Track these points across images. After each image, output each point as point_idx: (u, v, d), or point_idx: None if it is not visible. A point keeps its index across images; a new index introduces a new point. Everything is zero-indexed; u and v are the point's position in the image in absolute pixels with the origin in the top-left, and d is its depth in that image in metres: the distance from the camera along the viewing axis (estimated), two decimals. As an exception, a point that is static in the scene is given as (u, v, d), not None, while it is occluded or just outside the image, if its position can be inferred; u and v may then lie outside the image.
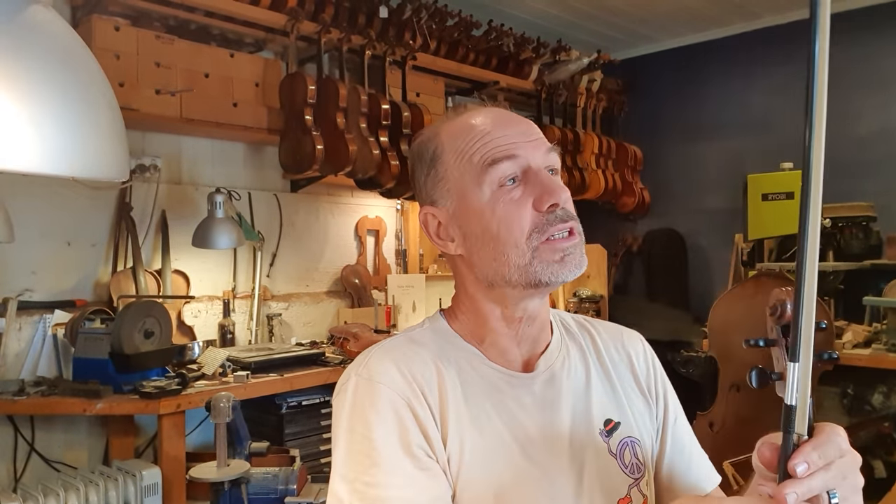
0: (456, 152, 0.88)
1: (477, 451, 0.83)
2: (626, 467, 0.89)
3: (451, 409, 0.84)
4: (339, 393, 0.86)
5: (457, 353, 0.90)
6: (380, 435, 0.79)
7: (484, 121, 0.88)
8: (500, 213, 0.84)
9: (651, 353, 1.02)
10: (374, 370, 0.84)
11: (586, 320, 1.04)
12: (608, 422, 0.91)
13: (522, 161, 0.85)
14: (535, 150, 0.86)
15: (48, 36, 1.04)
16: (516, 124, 0.88)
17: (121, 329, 2.29)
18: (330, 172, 3.06)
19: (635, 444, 0.91)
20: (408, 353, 0.87)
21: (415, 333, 0.93)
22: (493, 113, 0.90)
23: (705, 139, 4.46)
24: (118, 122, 1.15)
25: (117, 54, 2.58)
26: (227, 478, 1.98)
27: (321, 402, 2.75)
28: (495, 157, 0.85)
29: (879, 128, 3.82)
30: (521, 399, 0.88)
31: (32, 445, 2.51)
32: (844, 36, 3.95)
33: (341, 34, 3.12)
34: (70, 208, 2.66)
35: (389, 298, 3.58)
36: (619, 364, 0.98)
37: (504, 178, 0.85)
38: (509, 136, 0.86)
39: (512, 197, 0.84)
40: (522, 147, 0.86)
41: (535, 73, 4.13)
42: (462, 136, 0.88)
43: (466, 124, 0.89)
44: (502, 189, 0.85)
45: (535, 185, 0.85)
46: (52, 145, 0.99)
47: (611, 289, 4.42)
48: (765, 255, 3.72)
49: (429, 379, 0.85)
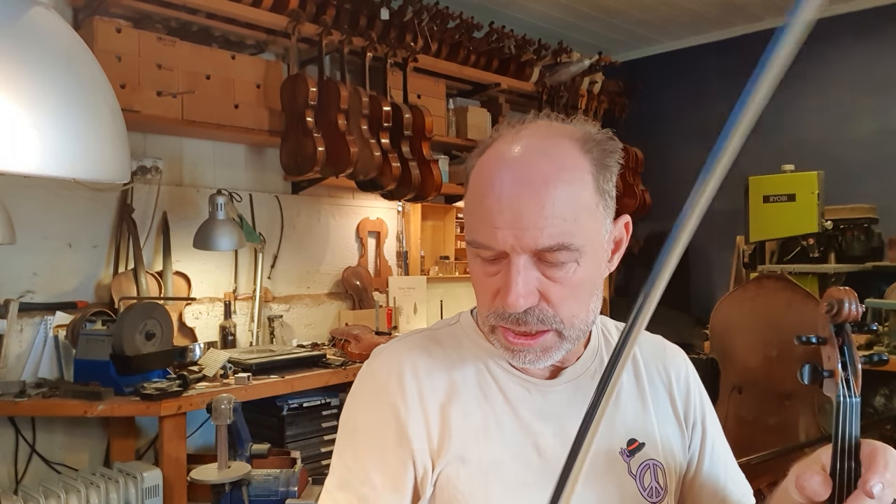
0: (470, 196, 0.83)
1: (483, 458, 0.82)
2: (644, 490, 0.87)
3: (454, 415, 0.84)
4: (357, 376, 0.91)
5: (476, 354, 0.89)
6: (361, 425, 0.86)
7: (492, 174, 0.79)
8: (476, 277, 0.83)
9: (692, 375, 0.98)
10: (379, 367, 0.88)
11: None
12: (632, 442, 0.88)
13: (494, 244, 0.78)
14: (519, 240, 0.76)
15: (50, 38, 1.04)
16: (515, 195, 0.76)
17: (122, 331, 2.29)
18: (331, 174, 3.06)
19: (657, 467, 0.88)
20: (419, 354, 0.88)
21: (438, 332, 0.93)
22: (511, 162, 0.79)
23: (706, 141, 4.37)
24: (119, 123, 1.15)
25: (119, 56, 2.59)
26: (228, 479, 1.98)
27: (322, 403, 2.75)
28: (474, 238, 0.80)
29: (881, 129, 3.82)
30: (539, 407, 0.86)
31: (33, 447, 2.51)
32: (845, 38, 3.95)
33: (342, 36, 3.13)
34: (71, 210, 2.66)
35: (390, 300, 3.58)
36: (658, 385, 0.95)
37: (481, 253, 0.81)
38: (500, 210, 0.77)
39: (486, 270, 0.81)
40: (503, 232, 0.76)
41: (536, 74, 4.13)
42: (475, 179, 0.82)
43: (486, 163, 0.82)
44: (482, 261, 0.81)
45: (503, 277, 0.79)
46: (53, 147, 0.99)
47: (612, 291, 4.42)
48: (766, 258, 3.72)
49: (435, 384, 0.85)
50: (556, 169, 0.77)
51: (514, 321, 0.79)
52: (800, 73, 4.09)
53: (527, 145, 0.80)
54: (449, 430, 0.83)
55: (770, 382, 3.04)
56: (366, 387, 0.88)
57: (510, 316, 0.79)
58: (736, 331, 3.19)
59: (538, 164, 0.78)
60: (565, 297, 0.79)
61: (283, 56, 3.25)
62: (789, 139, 4.09)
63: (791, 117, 4.11)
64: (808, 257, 3.50)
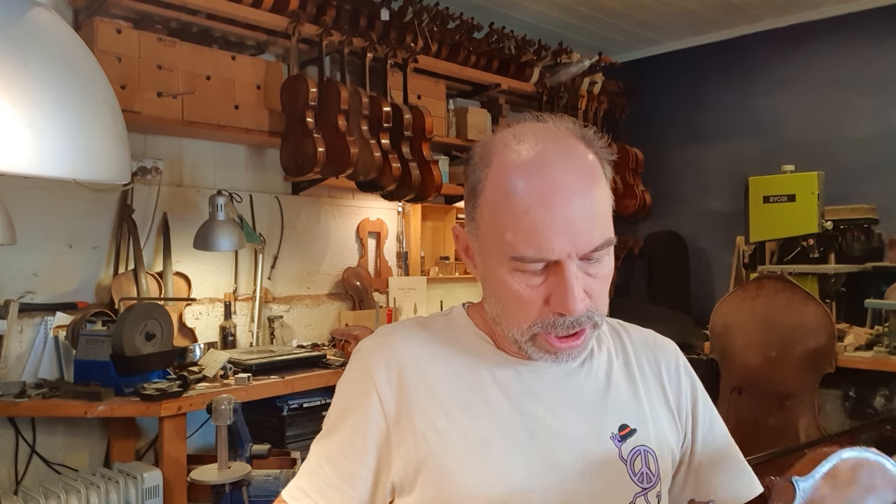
0: (492, 208, 0.81)
1: (472, 436, 0.84)
2: (634, 475, 0.87)
3: (442, 396, 0.86)
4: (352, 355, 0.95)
5: (466, 340, 0.91)
6: (343, 403, 0.90)
7: (529, 188, 0.78)
8: (514, 292, 0.81)
9: (683, 366, 0.99)
10: (367, 349, 0.92)
11: (619, 324, 1.01)
12: (623, 427, 0.89)
13: (550, 255, 0.77)
14: (574, 246, 0.77)
15: (50, 38, 1.04)
16: (563, 203, 0.76)
17: (122, 331, 2.29)
18: (331, 175, 3.06)
19: (649, 453, 0.89)
20: (408, 337, 0.91)
21: (430, 319, 0.96)
22: (544, 175, 0.78)
23: (706, 141, 4.46)
24: (120, 124, 1.15)
25: (119, 57, 2.59)
26: (228, 480, 1.98)
27: (322, 404, 2.74)
28: (523, 253, 0.78)
29: (881, 130, 3.82)
30: (528, 386, 0.88)
31: (34, 447, 2.51)
32: (845, 39, 3.95)
33: (343, 37, 3.13)
34: (71, 211, 2.66)
35: (391, 301, 3.58)
36: (649, 374, 0.95)
37: (526, 267, 0.80)
38: (548, 221, 0.76)
39: (529, 282, 0.80)
40: (557, 241, 0.76)
41: (537, 75, 4.13)
42: (502, 192, 0.80)
43: (511, 180, 0.79)
44: (523, 273, 0.80)
45: (556, 285, 0.79)
46: (53, 147, 0.99)
47: (612, 291, 4.41)
48: (766, 258, 3.72)
49: (423, 367, 0.88)
50: (587, 169, 0.80)
51: (569, 326, 0.80)
52: (800, 74, 4.10)
53: (543, 151, 0.80)
54: (435, 411, 0.85)
55: (770, 383, 3.04)
56: (353, 370, 0.91)
57: (564, 322, 0.80)
58: (736, 331, 3.19)
59: (569, 168, 0.79)
60: (602, 291, 0.82)
61: (284, 57, 3.25)
62: (789, 139, 4.09)
63: (791, 117, 4.11)
64: (808, 258, 3.50)
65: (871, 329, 3.30)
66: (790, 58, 4.12)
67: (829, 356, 2.96)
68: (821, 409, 3.05)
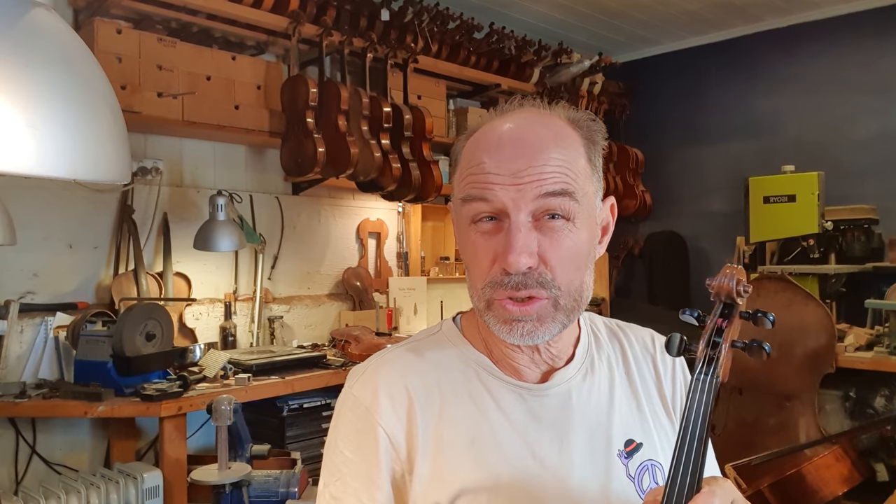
0: (461, 168, 0.84)
1: (481, 473, 0.81)
2: (643, 492, 0.84)
3: (445, 432, 0.82)
4: (339, 399, 0.89)
5: (464, 363, 0.87)
6: (347, 453, 0.84)
7: (489, 142, 0.81)
8: (471, 245, 0.81)
9: (680, 367, 0.97)
10: (361, 390, 0.86)
11: (618, 326, 1.00)
12: (629, 442, 0.87)
13: (497, 203, 0.78)
14: (521, 193, 0.77)
15: (50, 39, 1.04)
16: (515, 157, 0.78)
17: (122, 331, 2.29)
18: (331, 175, 3.06)
19: (656, 467, 0.87)
20: (402, 371, 0.86)
21: (420, 343, 0.91)
22: (507, 132, 0.81)
23: (706, 142, 4.46)
24: (120, 124, 1.15)
25: (119, 57, 2.59)
26: (229, 480, 1.98)
27: (322, 404, 2.74)
28: (469, 193, 0.80)
29: (881, 131, 3.82)
30: (533, 412, 0.85)
31: (34, 448, 2.51)
32: (845, 39, 3.95)
33: (343, 37, 3.13)
34: (72, 211, 2.66)
35: (391, 301, 3.57)
36: (648, 380, 0.94)
37: (477, 215, 0.80)
38: (499, 169, 0.78)
39: (482, 235, 0.80)
40: (504, 189, 0.77)
41: (537, 75, 4.13)
42: (469, 152, 0.83)
43: (477, 139, 0.83)
44: (477, 224, 0.80)
45: (501, 238, 0.78)
46: (53, 148, 0.99)
47: (612, 291, 4.42)
48: (766, 258, 3.72)
49: (421, 401, 0.84)
50: (552, 136, 0.81)
51: (514, 286, 0.77)
52: (800, 74, 4.10)
53: (519, 120, 0.83)
54: (441, 449, 0.82)
55: (770, 383, 3.04)
56: (349, 413, 0.86)
57: (509, 281, 0.77)
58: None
59: (535, 130, 0.81)
60: (562, 260, 0.79)
61: (284, 57, 3.25)
62: (789, 140, 4.09)
63: (791, 118, 4.11)
64: (808, 258, 3.50)
65: (871, 329, 3.30)
66: (790, 58, 4.12)
67: (829, 356, 2.96)
68: (821, 409, 3.05)
